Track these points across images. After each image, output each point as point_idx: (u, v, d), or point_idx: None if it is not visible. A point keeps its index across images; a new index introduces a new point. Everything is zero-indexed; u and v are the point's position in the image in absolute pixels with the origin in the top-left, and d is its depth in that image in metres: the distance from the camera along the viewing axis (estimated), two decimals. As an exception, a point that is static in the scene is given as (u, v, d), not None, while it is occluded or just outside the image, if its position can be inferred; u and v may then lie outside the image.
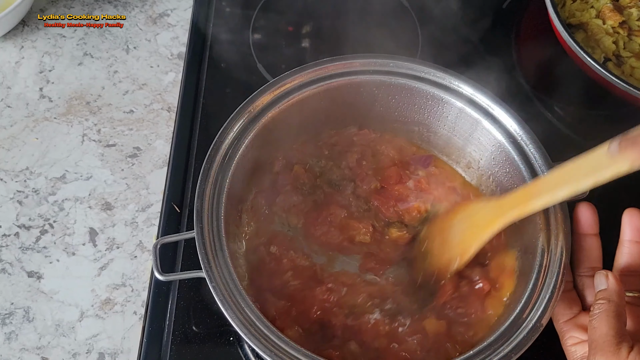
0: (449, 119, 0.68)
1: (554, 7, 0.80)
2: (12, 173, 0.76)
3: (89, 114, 0.82)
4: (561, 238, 0.57)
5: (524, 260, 0.61)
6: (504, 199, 0.57)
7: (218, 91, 0.82)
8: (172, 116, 0.82)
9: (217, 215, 0.57)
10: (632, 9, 0.88)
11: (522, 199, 0.55)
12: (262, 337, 0.50)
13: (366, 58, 0.67)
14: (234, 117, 0.62)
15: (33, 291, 0.68)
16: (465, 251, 0.59)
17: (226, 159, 0.60)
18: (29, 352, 0.64)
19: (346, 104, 0.69)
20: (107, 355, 0.65)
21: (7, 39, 0.88)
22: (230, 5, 0.92)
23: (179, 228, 0.71)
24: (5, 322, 0.66)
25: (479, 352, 0.51)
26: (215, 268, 0.53)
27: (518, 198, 0.55)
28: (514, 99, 0.66)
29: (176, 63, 0.88)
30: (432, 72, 0.66)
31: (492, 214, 0.57)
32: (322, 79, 0.65)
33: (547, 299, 0.53)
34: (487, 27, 0.94)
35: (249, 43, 0.87)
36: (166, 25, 0.92)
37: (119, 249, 0.71)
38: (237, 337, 0.63)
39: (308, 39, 0.90)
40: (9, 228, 0.72)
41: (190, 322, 0.64)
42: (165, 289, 0.66)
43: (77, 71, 0.86)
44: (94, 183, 0.76)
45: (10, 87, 0.84)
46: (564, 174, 0.51)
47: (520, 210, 0.54)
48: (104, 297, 0.68)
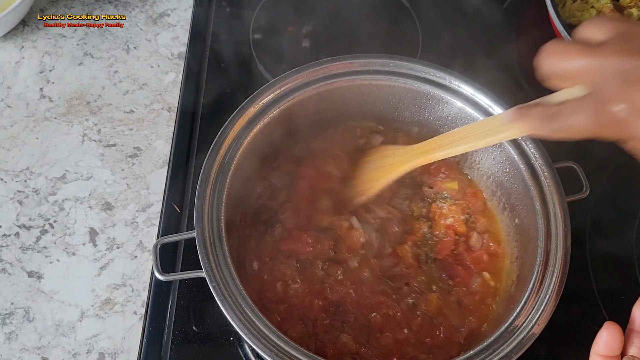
0: (449, 119, 0.68)
1: (554, 7, 0.80)
2: (12, 173, 0.76)
3: (89, 114, 0.82)
4: (561, 239, 0.57)
5: (523, 261, 0.61)
6: (412, 147, 0.63)
7: (218, 91, 0.82)
8: (172, 116, 0.82)
9: (217, 215, 0.57)
10: (632, 9, 0.88)
11: (426, 150, 0.60)
12: (262, 337, 0.50)
13: (366, 58, 0.67)
14: (234, 117, 0.62)
15: (33, 291, 0.68)
16: (372, 188, 0.65)
17: (226, 159, 0.60)
18: (29, 352, 0.64)
19: (346, 104, 0.69)
20: (107, 355, 0.65)
21: (7, 39, 0.88)
22: (230, 5, 0.92)
23: (179, 228, 0.71)
24: (5, 322, 0.66)
25: (479, 352, 0.51)
26: (215, 268, 0.53)
27: (423, 148, 0.61)
28: (514, 99, 0.66)
29: (176, 63, 0.88)
30: (432, 72, 0.66)
31: (399, 160, 0.63)
32: (322, 79, 0.65)
33: (547, 299, 0.53)
34: (487, 27, 0.94)
35: (249, 43, 0.87)
36: (166, 25, 0.92)
37: (119, 249, 0.71)
38: (237, 337, 0.63)
39: (308, 39, 0.90)
40: (9, 228, 0.72)
41: (190, 322, 0.64)
42: (165, 289, 0.66)
43: (77, 71, 0.86)
44: (94, 183, 0.76)
45: (10, 87, 0.84)
46: (465, 133, 0.57)
47: (422, 159, 0.61)
48: (104, 297, 0.68)
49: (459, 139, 0.57)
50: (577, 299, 0.68)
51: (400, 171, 0.63)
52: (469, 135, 0.56)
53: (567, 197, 0.59)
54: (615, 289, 0.70)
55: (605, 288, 0.69)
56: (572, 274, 0.55)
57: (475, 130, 0.56)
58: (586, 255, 0.71)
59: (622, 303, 0.69)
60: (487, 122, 0.56)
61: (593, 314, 0.67)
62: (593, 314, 0.67)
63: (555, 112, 0.45)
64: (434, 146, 0.60)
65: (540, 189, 0.60)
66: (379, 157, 0.67)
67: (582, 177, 0.63)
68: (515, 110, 0.49)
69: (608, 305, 0.68)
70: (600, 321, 0.66)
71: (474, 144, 0.56)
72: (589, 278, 0.70)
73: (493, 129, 0.53)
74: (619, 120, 0.41)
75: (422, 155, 0.61)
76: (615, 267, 0.72)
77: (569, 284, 0.54)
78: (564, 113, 0.44)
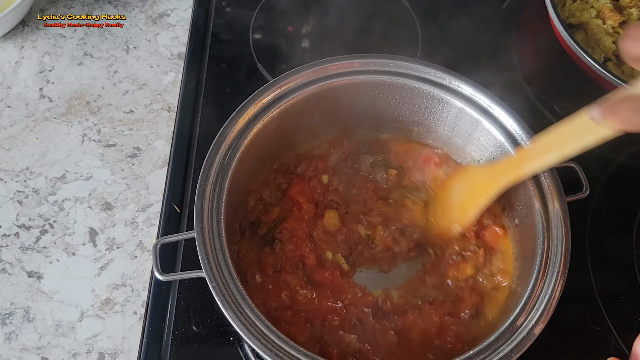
0: (449, 119, 0.68)
1: (554, 7, 0.80)
2: (12, 173, 0.76)
3: (89, 114, 0.82)
4: (561, 238, 0.57)
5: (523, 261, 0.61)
6: (498, 165, 0.60)
7: (218, 91, 0.82)
8: (172, 116, 0.82)
9: (217, 215, 0.57)
10: (632, 9, 0.88)
11: (514, 165, 0.58)
12: (262, 337, 0.50)
13: (366, 58, 0.67)
14: (234, 117, 0.62)
15: (33, 291, 0.68)
16: (465, 215, 0.62)
17: (226, 159, 0.60)
18: (29, 352, 0.64)
19: (346, 104, 0.69)
20: (107, 355, 0.65)
21: (7, 39, 0.88)
22: (230, 5, 0.92)
23: (179, 228, 0.71)
24: (5, 322, 0.66)
25: (479, 352, 0.51)
26: (215, 268, 0.53)
27: (510, 164, 0.58)
28: (514, 99, 0.66)
29: (176, 63, 0.88)
30: (432, 72, 0.66)
31: (487, 179, 0.60)
32: (322, 79, 0.65)
33: (547, 299, 0.53)
34: (487, 27, 0.94)
35: (249, 43, 0.87)
36: (166, 25, 0.92)
37: (119, 249, 0.71)
38: (237, 337, 0.63)
39: (308, 39, 0.90)
40: (9, 228, 0.72)
41: (190, 322, 0.64)
42: (165, 289, 0.66)
43: (77, 71, 0.86)
44: (94, 183, 0.76)
45: (10, 87, 0.84)
46: (551, 141, 0.53)
47: (512, 175, 0.57)
48: (104, 297, 0.68)
49: (548, 148, 0.53)
50: (577, 299, 0.68)
51: (492, 193, 0.59)
52: (557, 142, 0.52)
53: (567, 197, 0.59)
54: (615, 289, 0.70)
55: (605, 288, 0.69)
56: (572, 274, 0.55)
57: (562, 135, 0.51)
58: (586, 255, 0.71)
59: (622, 303, 0.69)
60: (573, 125, 0.51)
61: (593, 314, 0.67)
62: (593, 314, 0.67)
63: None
64: (522, 160, 0.56)
65: (540, 189, 0.60)
66: (463, 181, 0.64)
67: (582, 177, 0.63)
68: (602, 107, 0.46)
69: (608, 305, 0.68)
70: (600, 321, 0.67)
71: (565, 151, 0.51)
72: (589, 278, 0.70)
73: (583, 131, 0.49)
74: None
75: (511, 170, 0.57)
76: (615, 267, 0.72)
77: (569, 284, 0.54)
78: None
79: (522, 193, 0.62)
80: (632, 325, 0.67)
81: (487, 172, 0.61)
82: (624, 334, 0.66)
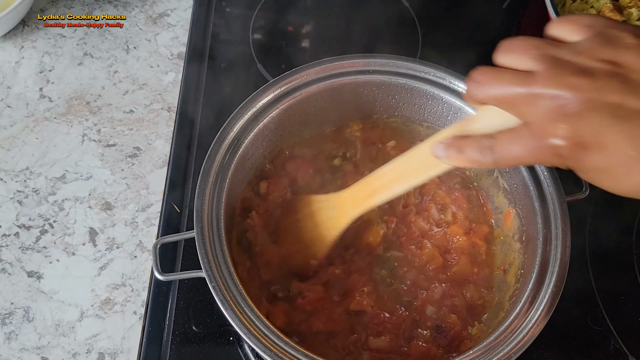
0: (449, 119, 0.68)
1: (554, 7, 0.80)
2: (12, 173, 0.76)
3: (89, 114, 0.82)
4: (561, 238, 0.57)
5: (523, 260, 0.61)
6: (344, 196, 0.58)
7: (218, 91, 0.82)
8: (172, 116, 0.82)
9: (217, 215, 0.57)
10: (632, 9, 0.88)
11: (361, 197, 0.57)
12: (262, 337, 0.50)
13: (366, 58, 0.67)
14: (234, 117, 0.62)
15: (33, 291, 0.68)
16: (318, 250, 0.61)
17: (226, 159, 0.60)
18: (29, 352, 0.64)
19: (346, 104, 0.69)
20: (107, 355, 0.65)
21: (7, 39, 0.88)
22: (230, 5, 0.92)
23: (179, 228, 0.71)
24: (5, 322, 0.66)
25: (479, 352, 0.51)
26: (215, 268, 0.53)
27: (356, 195, 0.57)
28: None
29: (176, 63, 0.88)
30: (432, 72, 0.66)
31: (334, 214, 0.59)
32: (322, 79, 0.65)
33: (547, 299, 0.53)
34: (487, 27, 0.94)
35: (249, 43, 0.87)
36: (166, 25, 0.92)
37: (119, 249, 0.71)
38: (237, 337, 0.63)
39: (308, 39, 0.90)
40: (9, 228, 0.72)
41: (190, 322, 0.64)
42: (165, 289, 0.66)
43: (77, 71, 0.86)
44: (94, 183, 0.76)
45: (10, 87, 0.84)
46: (397, 170, 0.54)
47: (361, 208, 0.57)
48: (104, 297, 0.68)
49: (393, 180, 0.54)
50: (577, 299, 0.68)
51: (341, 225, 0.59)
52: (404, 175, 0.53)
53: (567, 197, 0.59)
54: (615, 289, 0.70)
55: (605, 288, 0.69)
56: (572, 274, 0.55)
57: (409, 168, 0.52)
58: (586, 255, 0.71)
59: (622, 303, 0.69)
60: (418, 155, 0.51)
61: (593, 314, 0.67)
62: (593, 314, 0.67)
63: (492, 144, 0.42)
64: (368, 192, 0.56)
65: (540, 189, 0.60)
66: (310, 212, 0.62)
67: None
68: (444, 146, 0.46)
69: (608, 305, 0.68)
70: (600, 321, 0.67)
71: (411, 183, 0.52)
72: (589, 278, 0.70)
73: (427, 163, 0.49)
74: (558, 153, 0.39)
75: (360, 203, 0.57)
76: (615, 267, 0.72)
77: (569, 284, 0.54)
78: (501, 144, 0.42)
79: (522, 193, 0.62)
80: (632, 325, 0.67)
81: (333, 205, 0.60)
82: (624, 334, 0.66)
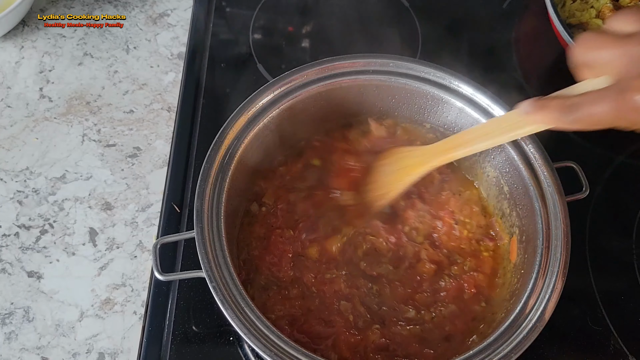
0: (449, 119, 0.68)
1: (554, 7, 0.81)
2: (12, 173, 0.76)
3: (89, 114, 0.82)
4: (561, 238, 0.57)
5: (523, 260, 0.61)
6: (429, 148, 0.62)
7: (218, 91, 0.82)
8: (172, 116, 0.82)
9: (217, 215, 0.57)
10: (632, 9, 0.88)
11: (445, 149, 0.60)
12: (262, 337, 0.50)
13: (366, 58, 0.67)
14: (234, 117, 0.62)
15: (33, 291, 0.68)
16: (391, 190, 0.64)
17: (226, 159, 0.60)
18: (29, 352, 0.64)
19: (346, 104, 0.69)
20: (107, 355, 0.65)
21: (7, 39, 0.88)
22: (230, 5, 0.92)
23: (179, 228, 0.71)
24: (5, 322, 0.66)
25: (479, 352, 0.51)
26: (215, 268, 0.53)
27: (441, 147, 0.60)
28: (514, 99, 0.66)
29: (176, 63, 0.88)
30: (432, 72, 0.66)
31: (417, 160, 0.62)
32: (322, 79, 0.65)
33: (547, 299, 0.53)
34: (487, 27, 0.94)
35: (249, 43, 0.87)
36: (166, 25, 0.92)
37: (119, 249, 0.71)
38: (237, 337, 0.63)
39: (308, 39, 0.90)
40: (9, 228, 0.72)
41: (190, 322, 0.64)
42: (165, 289, 0.66)
43: (77, 71, 0.86)
44: (94, 183, 0.76)
45: (10, 87, 0.84)
46: (484, 130, 0.57)
47: (442, 158, 0.60)
48: (104, 297, 0.68)
49: (478, 136, 0.57)
50: (577, 299, 0.68)
51: (420, 172, 0.62)
52: (489, 132, 0.56)
53: (567, 197, 0.59)
54: (615, 289, 0.70)
55: (605, 288, 0.69)
56: (572, 274, 0.55)
57: (495, 127, 0.56)
58: (586, 255, 0.71)
59: (622, 303, 0.69)
60: (506, 117, 0.56)
61: (593, 314, 0.67)
62: (593, 314, 0.67)
63: (575, 102, 0.45)
64: (452, 145, 0.59)
65: (540, 189, 0.60)
66: (395, 159, 0.66)
67: (582, 177, 0.63)
68: (532, 102, 0.49)
69: (608, 305, 0.68)
70: (600, 321, 0.67)
71: (494, 141, 0.55)
72: (589, 278, 0.70)
73: (513, 124, 0.53)
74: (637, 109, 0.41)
75: (441, 154, 0.60)
76: (615, 267, 0.72)
77: (569, 284, 0.54)
78: (583, 103, 0.45)
79: (522, 193, 0.62)
80: (632, 325, 0.67)
81: (418, 153, 0.63)
82: (624, 334, 0.66)
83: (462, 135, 0.60)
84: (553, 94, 0.49)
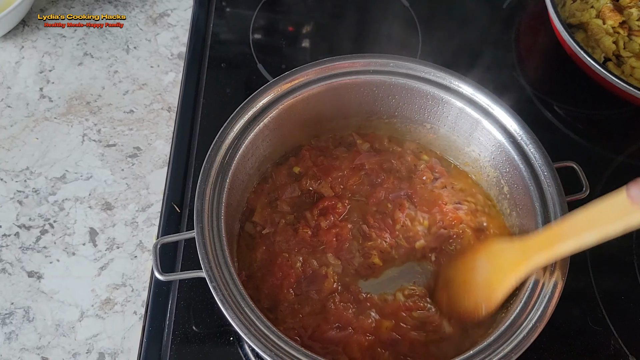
0: (449, 119, 0.68)
1: (554, 7, 0.81)
2: (12, 173, 0.76)
3: (89, 114, 0.82)
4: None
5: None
6: (529, 241, 0.55)
7: (218, 91, 0.82)
8: (172, 116, 0.82)
9: (217, 215, 0.57)
10: (632, 9, 0.88)
11: (547, 242, 0.53)
12: (262, 337, 0.50)
13: (366, 58, 0.67)
14: (234, 117, 0.62)
15: (33, 291, 0.68)
16: (492, 295, 0.57)
17: (226, 159, 0.60)
18: (29, 352, 0.64)
19: (346, 104, 0.69)
20: (107, 355, 0.65)
21: (7, 39, 0.88)
22: (230, 5, 0.92)
23: (179, 228, 0.71)
24: (5, 322, 0.66)
25: (479, 352, 0.51)
26: (215, 268, 0.53)
27: (543, 241, 0.54)
28: (514, 99, 0.66)
29: (176, 63, 0.88)
30: (432, 72, 0.66)
31: (517, 257, 0.56)
32: (323, 79, 0.65)
33: (547, 299, 0.53)
34: (487, 27, 0.94)
35: (249, 43, 0.87)
36: (166, 25, 0.92)
37: (119, 249, 0.71)
38: (237, 337, 0.63)
39: (308, 39, 0.90)
40: (9, 228, 0.72)
41: (190, 322, 0.64)
42: (165, 289, 0.66)
43: (77, 71, 0.86)
44: (94, 183, 0.76)
45: (10, 87, 0.84)
46: (590, 218, 0.50)
47: (547, 255, 0.53)
48: (104, 297, 0.68)
49: (587, 226, 0.49)
50: (577, 299, 0.68)
51: (525, 271, 0.55)
52: (597, 220, 0.49)
53: (567, 197, 0.59)
54: (615, 289, 0.70)
55: (605, 288, 0.69)
56: (572, 274, 0.55)
57: (602, 214, 0.48)
58: (586, 255, 0.71)
59: (622, 303, 0.69)
60: (613, 203, 0.48)
61: (593, 314, 0.67)
62: (593, 314, 0.67)
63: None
64: (556, 237, 0.52)
65: (540, 189, 0.60)
66: (490, 256, 0.60)
67: (582, 177, 0.63)
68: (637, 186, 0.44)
69: (608, 305, 0.68)
70: (600, 321, 0.67)
71: (605, 231, 0.48)
72: (589, 278, 0.70)
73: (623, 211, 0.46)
74: None
75: (545, 249, 0.53)
76: (615, 267, 0.72)
77: (569, 284, 0.54)
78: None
79: (522, 193, 0.62)
80: (632, 325, 0.67)
81: (517, 249, 0.56)
82: (624, 334, 0.66)
83: (565, 225, 0.52)
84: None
